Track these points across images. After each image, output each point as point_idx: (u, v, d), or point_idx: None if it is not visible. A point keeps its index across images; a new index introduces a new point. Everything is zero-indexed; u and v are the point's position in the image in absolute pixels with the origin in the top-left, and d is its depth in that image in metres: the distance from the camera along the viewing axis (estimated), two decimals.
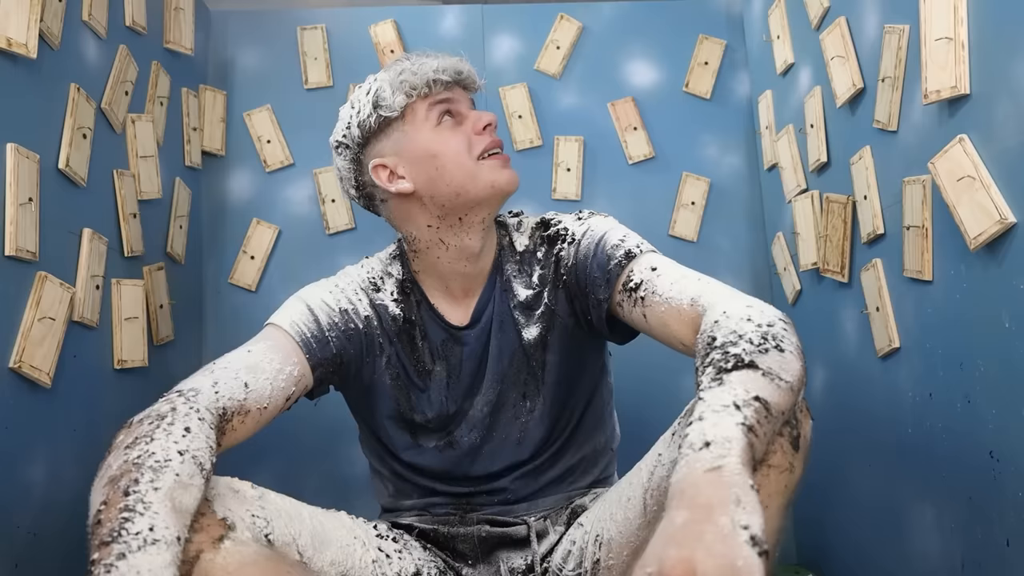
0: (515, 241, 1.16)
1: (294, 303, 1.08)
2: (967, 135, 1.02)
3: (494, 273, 1.14)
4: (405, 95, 1.06)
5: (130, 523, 0.70)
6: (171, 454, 0.78)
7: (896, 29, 1.19)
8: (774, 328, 0.81)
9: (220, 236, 1.87)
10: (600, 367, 1.19)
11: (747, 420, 0.69)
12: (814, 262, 1.54)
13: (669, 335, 0.96)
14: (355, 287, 1.12)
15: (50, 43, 1.24)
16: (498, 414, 1.12)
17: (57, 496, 1.19)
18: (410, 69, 1.08)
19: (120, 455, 0.78)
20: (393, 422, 1.14)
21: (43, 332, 1.15)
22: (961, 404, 1.08)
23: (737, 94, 1.94)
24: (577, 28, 1.94)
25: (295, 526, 0.93)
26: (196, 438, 0.81)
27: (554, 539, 1.11)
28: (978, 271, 1.02)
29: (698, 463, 0.65)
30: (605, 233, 1.08)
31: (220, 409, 0.89)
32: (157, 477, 0.75)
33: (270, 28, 1.94)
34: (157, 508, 0.72)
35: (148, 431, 0.80)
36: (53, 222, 1.22)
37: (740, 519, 0.60)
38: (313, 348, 1.04)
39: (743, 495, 0.62)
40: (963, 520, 1.08)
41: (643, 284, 0.99)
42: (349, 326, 1.08)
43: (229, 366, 0.95)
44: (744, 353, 0.76)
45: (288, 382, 0.99)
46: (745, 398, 0.71)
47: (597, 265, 1.05)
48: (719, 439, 0.67)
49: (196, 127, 1.83)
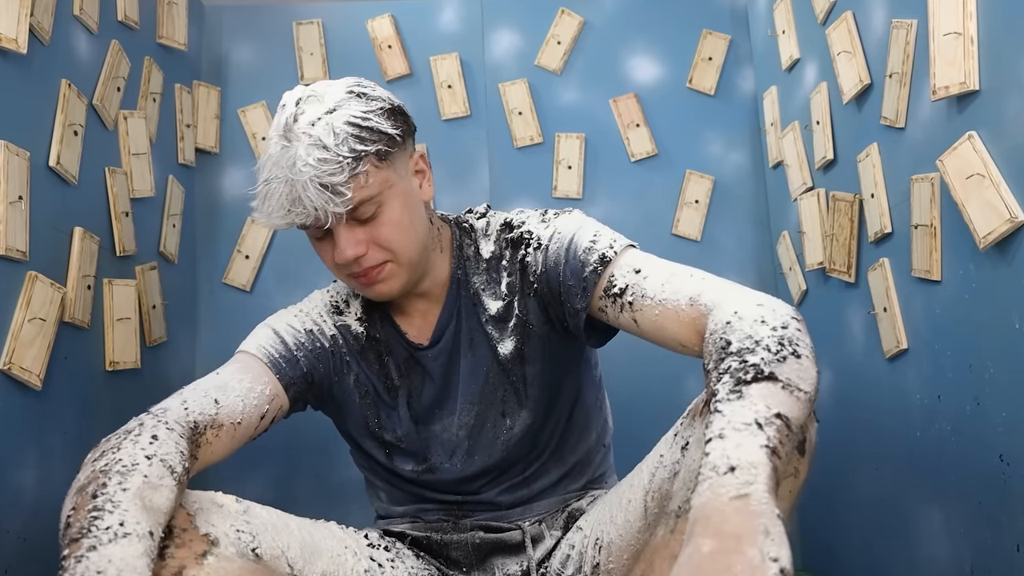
0: (481, 248, 1.11)
1: (260, 329, 1.08)
2: (976, 132, 1.01)
3: (455, 289, 1.10)
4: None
5: (99, 520, 0.71)
6: (138, 459, 0.78)
7: (904, 24, 1.19)
8: (788, 331, 0.80)
9: (214, 235, 1.87)
10: (584, 363, 1.17)
11: (770, 442, 0.69)
12: (820, 262, 1.53)
13: (666, 337, 0.94)
14: (319, 310, 1.12)
15: (40, 38, 1.24)
16: (477, 436, 1.11)
17: (47, 501, 1.19)
18: (262, 210, 0.97)
19: (88, 468, 0.79)
20: (368, 440, 1.14)
21: (33, 333, 1.15)
22: (970, 407, 1.08)
23: (742, 90, 1.94)
24: (578, 22, 1.94)
25: (283, 539, 0.92)
26: (164, 444, 0.82)
27: (551, 544, 1.11)
28: (988, 271, 1.02)
29: (723, 489, 0.65)
30: (574, 235, 1.03)
31: (191, 423, 0.89)
32: (125, 479, 0.76)
33: (265, 23, 1.94)
34: (127, 506, 0.73)
35: (115, 444, 0.81)
36: (43, 221, 1.22)
37: (769, 551, 0.60)
38: (283, 367, 1.04)
39: (771, 526, 0.62)
40: (972, 525, 1.08)
41: (629, 288, 0.96)
42: (316, 345, 1.08)
43: (198, 387, 0.96)
44: (763, 363, 0.75)
45: (260, 400, 0.99)
46: (767, 415, 0.71)
47: (570, 272, 1.01)
48: (744, 464, 0.66)
49: (190, 124, 1.83)
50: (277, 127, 0.96)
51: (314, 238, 1.01)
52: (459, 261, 1.11)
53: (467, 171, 1.91)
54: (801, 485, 0.84)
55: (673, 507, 0.88)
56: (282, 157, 0.94)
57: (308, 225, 0.97)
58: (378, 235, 0.99)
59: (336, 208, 0.93)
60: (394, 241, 0.99)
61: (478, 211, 1.16)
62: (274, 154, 0.95)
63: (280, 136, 0.95)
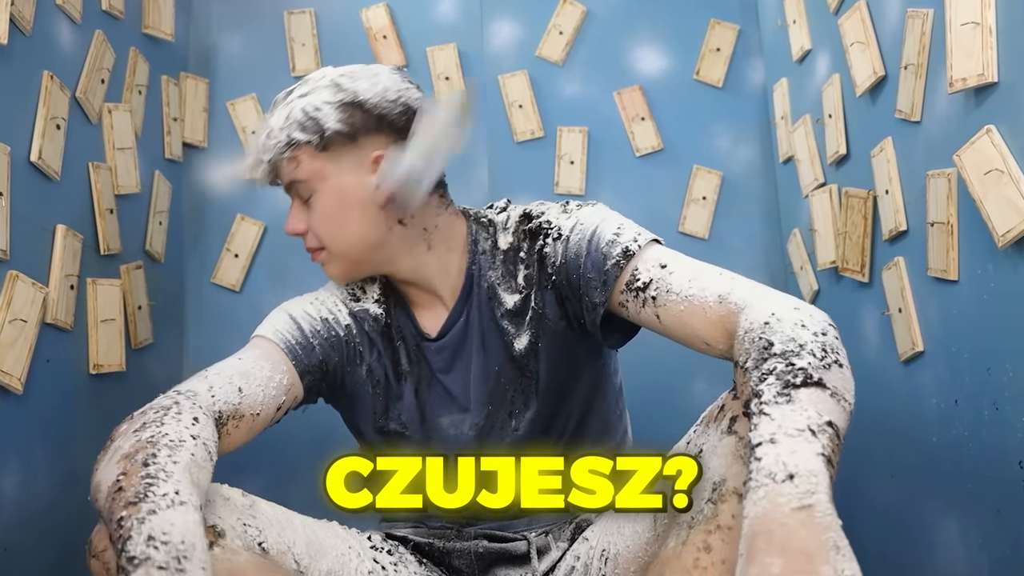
0: (499, 241, 1.13)
1: (276, 314, 1.12)
2: (995, 126, 1.01)
3: (468, 285, 1.11)
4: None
5: (155, 487, 0.73)
6: (184, 436, 0.81)
7: (919, 13, 1.19)
8: (828, 337, 0.80)
9: (202, 233, 1.87)
10: (601, 367, 1.17)
11: (825, 450, 0.68)
12: (832, 260, 1.54)
13: (690, 334, 0.95)
14: (335, 299, 1.14)
15: (21, 28, 1.24)
16: (486, 437, 1.12)
17: (29, 508, 1.19)
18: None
19: (130, 437, 0.81)
20: (375, 434, 1.14)
21: (14, 335, 1.15)
22: (989, 411, 1.08)
23: (751, 82, 1.94)
24: (581, 12, 1.94)
25: (289, 534, 0.94)
26: (206, 428, 0.86)
27: (556, 555, 1.11)
28: (1007, 270, 1.02)
29: (782, 499, 0.64)
30: (597, 227, 1.04)
31: (216, 412, 0.92)
32: (174, 453, 0.78)
33: (255, 12, 1.94)
34: (179, 477, 0.75)
35: (156, 418, 0.84)
36: (24, 218, 1.22)
37: (843, 569, 0.60)
38: (299, 354, 1.06)
39: (839, 540, 0.62)
40: (990, 535, 1.08)
41: (653, 283, 0.97)
42: (331, 333, 1.10)
43: (222, 372, 0.98)
44: (811, 368, 0.75)
45: (279, 390, 1.02)
46: (819, 423, 0.70)
47: (592, 264, 1.02)
48: (803, 472, 0.65)
49: (177, 117, 1.83)
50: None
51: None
52: (473, 256, 1.12)
53: (465, 166, 1.91)
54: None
55: (685, 517, 0.87)
56: (264, 121, 1.10)
57: (257, 179, 1.10)
58: (311, 221, 1.09)
59: (255, 174, 1.09)
60: (321, 232, 1.08)
61: (499, 205, 1.18)
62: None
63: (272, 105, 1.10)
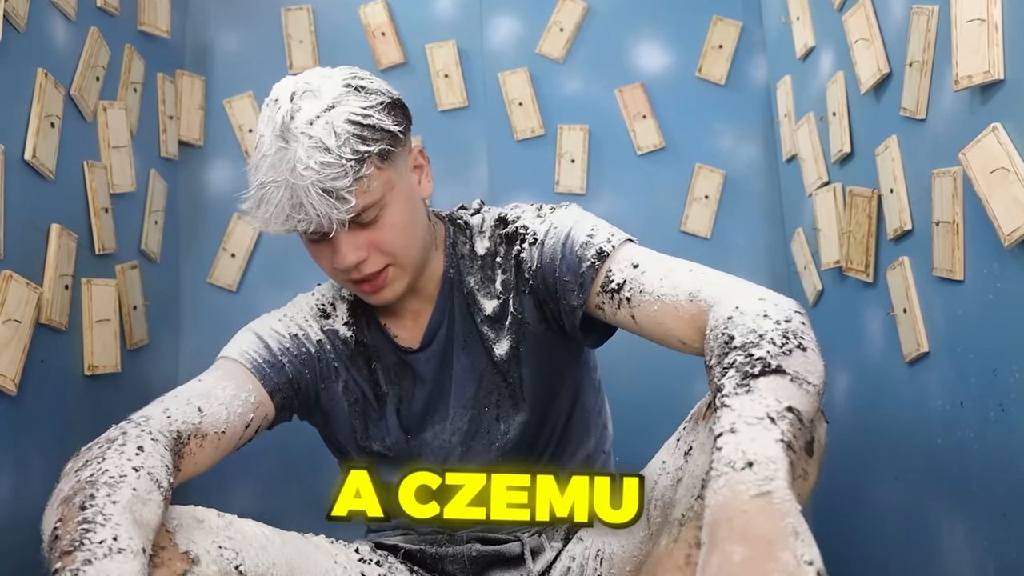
0: (476, 246, 1.12)
1: (242, 334, 1.09)
2: (1001, 124, 1.01)
3: (447, 288, 1.10)
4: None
5: (92, 533, 0.70)
6: (126, 470, 0.78)
7: (925, 10, 1.19)
8: (792, 324, 0.81)
9: (198, 232, 1.87)
10: (581, 366, 1.18)
11: (784, 436, 0.69)
12: (836, 260, 1.54)
13: (665, 334, 0.95)
14: (304, 314, 1.13)
15: (15, 25, 1.24)
16: (471, 443, 1.11)
17: (23, 512, 1.19)
18: (258, 215, 0.97)
19: (71, 479, 0.79)
20: (356, 452, 1.14)
21: (8, 335, 1.15)
22: (995, 413, 1.08)
23: (754, 80, 1.94)
24: (582, 8, 1.94)
25: (269, 554, 0.92)
26: (150, 456, 0.82)
27: (551, 556, 1.11)
28: (1013, 270, 1.02)
29: (742, 486, 0.65)
30: (571, 230, 1.04)
31: (174, 432, 0.90)
32: (114, 491, 0.76)
33: (252, 8, 1.94)
34: (118, 520, 0.73)
35: (99, 454, 0.81)
36: (18, 217, 1.22)
37: (803, 554, 0.60)
38: (267, 373, 1.04)
39: (798, 525, 0.62)
40: (997, 538, 1.08)
41: (627, 283, 0.97)
42: (301, 350, 1.09)
43: (180, 394, 0.96)
44: (769, 356, 0.76)
45: (245, 407, 1.00)
46: (778, 409, 0.71)
47: (567, 267, 1.02)
48: (762, 459, 0.66)
49: (172, 115, 1.83)
50: (272, 125, 0.95)
51: (310, 241, 1.02)
52: (452, 260, 1.11)
53: (465, 165, 1.91)
54: (811, 488, 0.84)
55: (676, 515, 0.88)
56: (279, 159, 0.93)
57: (308, 231, 0.97)
58: (379, 239, 0.99)
59: (340, 215, 0.93)
60: (396, 244, 1.00)
61: (472, 207, 1.17)
62: (270, 155, 0.94)
63: (276, 136, 0.94)
